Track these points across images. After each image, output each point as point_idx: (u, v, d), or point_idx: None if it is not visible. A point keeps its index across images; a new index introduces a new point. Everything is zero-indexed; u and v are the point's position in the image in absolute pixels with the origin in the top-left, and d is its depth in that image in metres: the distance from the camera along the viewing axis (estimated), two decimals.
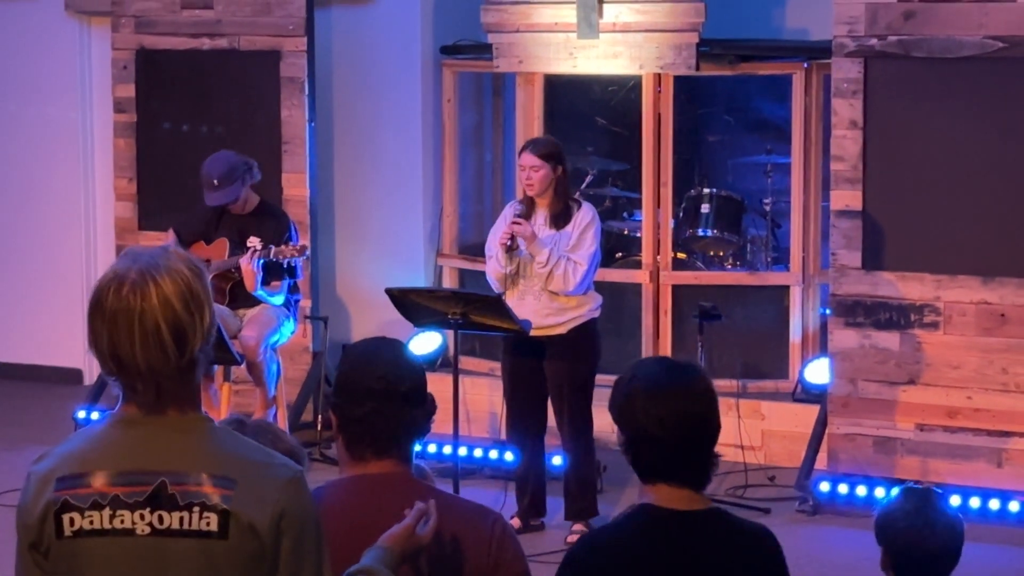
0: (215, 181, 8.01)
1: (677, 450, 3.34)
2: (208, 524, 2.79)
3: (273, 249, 7.90)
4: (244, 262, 7.85)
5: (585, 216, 7.43)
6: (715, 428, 3.40)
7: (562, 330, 7.41)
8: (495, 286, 7.50)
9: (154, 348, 2.78)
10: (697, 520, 3.38)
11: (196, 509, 2.80)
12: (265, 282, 8.00)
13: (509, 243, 7.40)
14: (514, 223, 7.41)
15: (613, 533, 3.49)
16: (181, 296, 2.79)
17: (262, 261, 7.91)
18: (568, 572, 3.39)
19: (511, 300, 7.37)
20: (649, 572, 3.34)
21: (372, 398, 3.33)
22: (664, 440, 3.34)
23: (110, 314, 2.79)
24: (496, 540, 3.34)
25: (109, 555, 2.82)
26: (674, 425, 3.33)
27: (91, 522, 2.82)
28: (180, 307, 2.79)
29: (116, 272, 2.82)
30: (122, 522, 2.81)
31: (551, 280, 7.33)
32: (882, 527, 3.95)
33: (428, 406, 3.42)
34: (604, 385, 7.72)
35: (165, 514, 2.80)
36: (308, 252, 8.08)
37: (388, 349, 3.46)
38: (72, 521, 2.82)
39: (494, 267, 7.49)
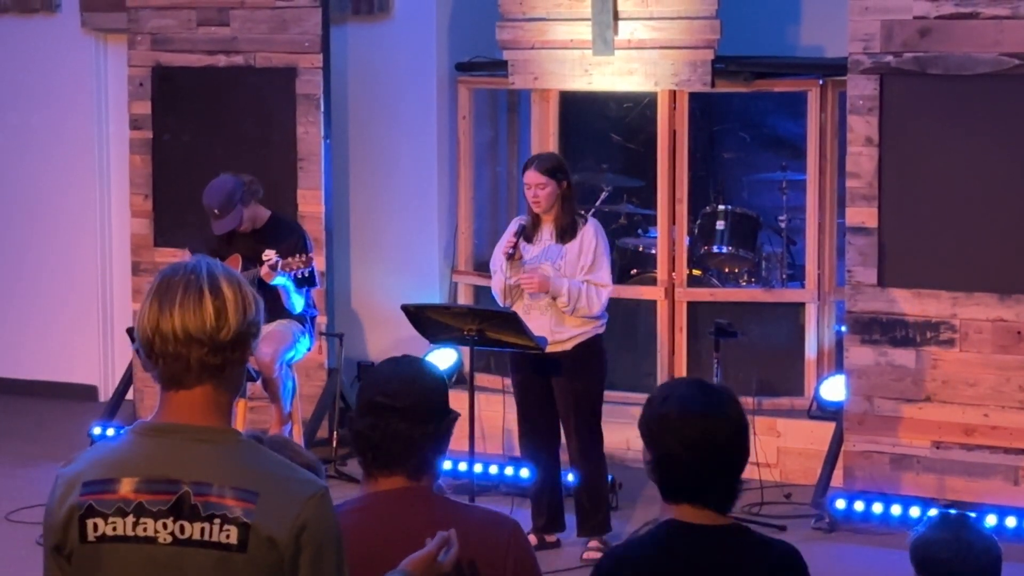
0: (216, 211, 8.06)
1: (704, 473, 3.35)
2: (228, 536, 2.82)
3: (280, 262, 7.91)
4: (265, 273, 7.86)
5: (594, 234, 7.41)
6: (744, 454, 3.40)
7: (567, 347, 7.39)
8: (500, 301, 7.49)
9: (193, 313, 2.86)
10: (721, 534, 3.39)
11: (217, 521, 2.82)
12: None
13: (511, 252, 7.39)
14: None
15: (640, 547, 3.50)
16: (230, 286, 2.91)
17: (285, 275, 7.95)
18: None
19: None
20: None
21: (372, 412, 3.39)
22: (692, 463, 3.34)
23: (163, 285, 2.91)
24: (512, 550, 3.33)
25: (129, 562, 2.85)
26: (704, 449, 3.33)
27: (114, 528, 2.85)
28: (227, 290, 2.90)
29: (178, 262, 2.99)
30: (144, 530, 2.85)
31: (577, 311, 7.32)
32: (921, 558, 3.89)
33: (438, 424, 3.41)
34: (612, 402, 7.81)
35: (187, 524, 2.83)
36: (314, 264, 8.07)
37: (402, 365, 3.49)
38: (96, 526, 2.86)
39: (499, 280, 7.48)
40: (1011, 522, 7.67)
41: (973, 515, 3.98)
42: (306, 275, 7.98)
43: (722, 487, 3.38)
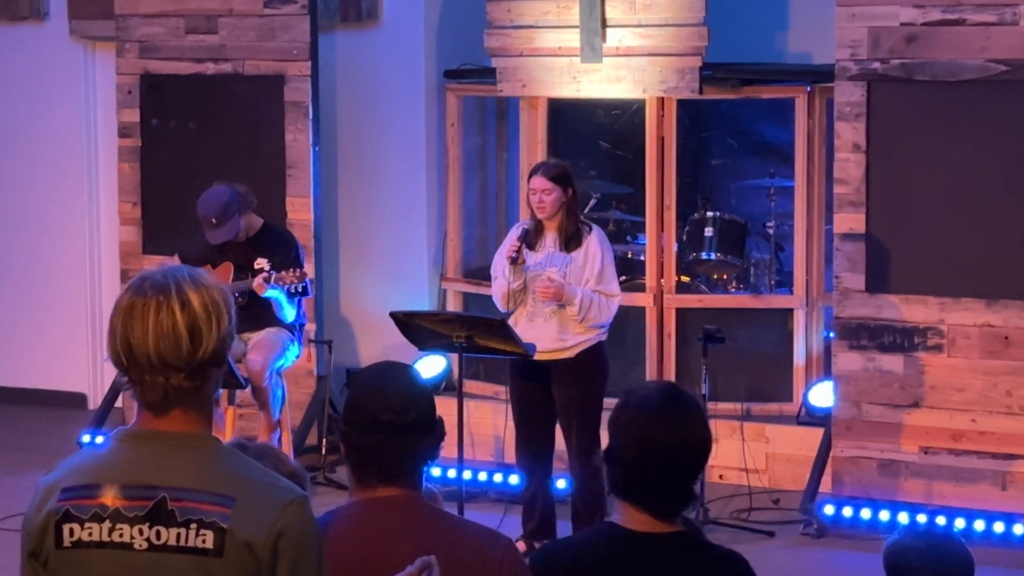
0: (213, 220, 8.06)
1: (646, 476, 3.35)
2: (204, 541, 2.81)
3: (274, 275, 7.92)
4: (257, 285, 7.89)
5: (599, 243, 7.42)
6: (693, 467, 3.39)
7: (570, 354, 7.39)
8: (500, 306, 7.49)
9: (167, 339, 2.82)
10: (659, 542, 3.37)
11: (193, 526, 2.81)
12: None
13: (515, 256, 7.39)
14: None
15: (572, 546, 3.52)
16: (200, 299, 2.85)
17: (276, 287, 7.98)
18: None
19: (520, 321, 7.37)
20: None
21: (379, 429, 3.32)
22: (635, 463, 3.34)
23: (128, 305, 2.85)
24: (506, 566, 3.33)
25: (105, 568, 2.85)
26: (649, 449, 3.33)
27: (90, 534, 2.85)
28: (198, 306, 2.84)
29: (141, 275, 2.90)
30: (120, 536, 2.84)
31: (588, 320, 7.33)
32: (894, 565, 3.90)
33: (436, 433, 3.41)
34: (612, 409, 7.80)
35: (163, 530, 2.82)
36: (308, 278, 8.09)
37: (396, 377, 3.43)
38: (72, 532, 2.85)
39: (501, 285, 7.48)
40: (999, 527, 7.68)
41: (961, 520, 3.99)
42: (300, 289, 8.00)
43: (664, 493, 3.36)
